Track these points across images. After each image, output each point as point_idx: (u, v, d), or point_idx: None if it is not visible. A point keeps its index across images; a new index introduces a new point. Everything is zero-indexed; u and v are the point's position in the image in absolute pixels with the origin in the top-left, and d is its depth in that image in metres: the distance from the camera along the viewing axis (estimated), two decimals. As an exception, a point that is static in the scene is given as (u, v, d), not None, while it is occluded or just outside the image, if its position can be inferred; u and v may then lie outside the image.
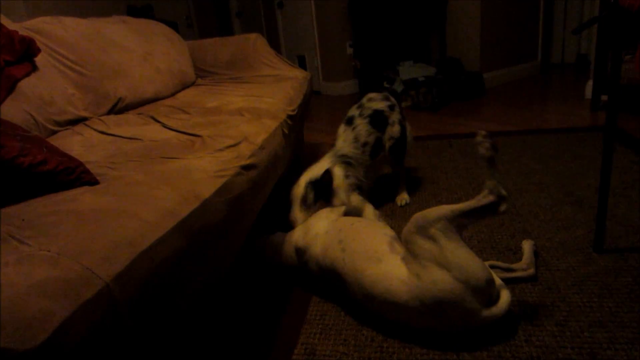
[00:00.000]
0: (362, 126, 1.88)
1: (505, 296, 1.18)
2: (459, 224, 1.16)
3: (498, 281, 1.21)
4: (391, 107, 2.00)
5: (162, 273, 0.91)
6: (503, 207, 1.15)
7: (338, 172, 1.70)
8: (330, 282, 1.39)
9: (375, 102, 1.98)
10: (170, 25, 2.99)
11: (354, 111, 1.95)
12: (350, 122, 1.91)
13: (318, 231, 1.44)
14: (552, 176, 2.15)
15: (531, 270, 1.41)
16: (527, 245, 1.51)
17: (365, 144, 1.86)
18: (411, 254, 1.19)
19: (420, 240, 1.16)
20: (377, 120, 1.92)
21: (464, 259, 1.13)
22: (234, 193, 1.25)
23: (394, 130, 1.98)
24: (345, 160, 1.77)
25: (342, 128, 1.92)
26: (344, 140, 1.86)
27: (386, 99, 2.02)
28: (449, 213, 1.15)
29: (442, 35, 4.35)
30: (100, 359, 0.74)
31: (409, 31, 4.45)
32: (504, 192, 1.14)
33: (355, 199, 1.73)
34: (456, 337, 1.18)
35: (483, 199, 1.15)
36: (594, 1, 3.96)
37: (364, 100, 2.00)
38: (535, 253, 1.51)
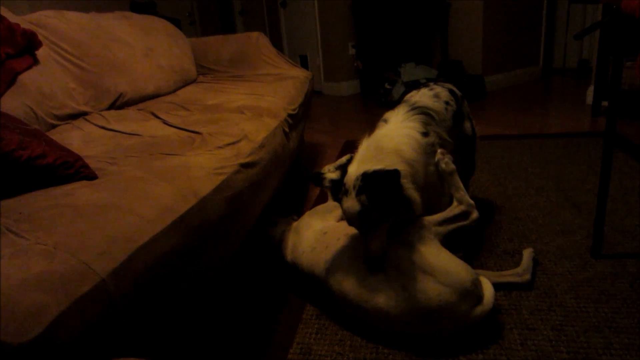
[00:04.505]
0: (441, 89, 1.51)
1: (488, 290, 1.18)
2: (436, 232, 1.21)
3: (481, 278, 1.21)
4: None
5: (159, 269, 0.91)
6: (474, 215, 1.26)
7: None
8: (322, 295, 1.38)
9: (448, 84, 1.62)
10: (172, 22, 2.99)
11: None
12: (425, 85, 1.56)
13: (304, 248, 1.41)
14: (552, 181, 2.15)
15: (526, 277, 1.40)
16: (526, 252, 1.50)
17: (447, 103, 1.46)
18: (392, 266, 1.17)
19: (401, 250, 1.16)
20: (454, 96, 1.54)
21: (446, 263, 1.14)
22: (233, 191, 1.25)
23: (467, 126, 1.61)
24: (425, 112, 1.35)
25: (413, 92, 1.53)
26: (421, 95, 1.47)
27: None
28: (425, 223, 1.22)
29: (445, 38, 4.35)
30: (94, 353, 0.73)
31: (411, 33, 4.45)
32: (471, 202, 1.26)
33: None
34: (452, 340, 1.18)
35: (454, 209, 1.26)
36: (597, 7, 3.96)
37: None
38: (535, 260, 1.50)
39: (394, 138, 1.25)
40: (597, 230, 1.50)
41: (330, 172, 1.24)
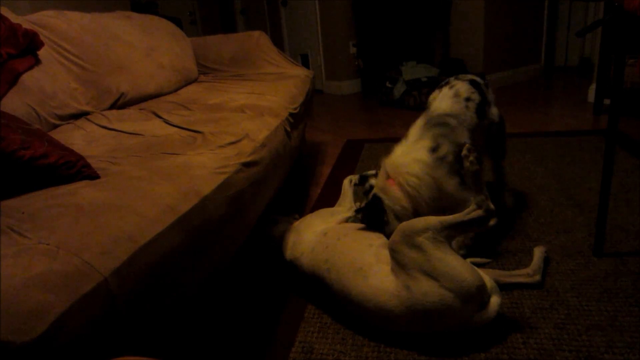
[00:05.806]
0: (461, 84, 1.59)
1: (495, 299, 1.16)
2: (447, 235, 1.14)
3: (490, 284, 1.19)
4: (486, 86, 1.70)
5: (161, 268, 0.91)
6: (492, 222, 1.15)
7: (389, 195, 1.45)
8: (323, 295, 1.38)
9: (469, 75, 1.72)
10: (173, 22, 2.99)
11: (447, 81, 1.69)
12: (446, 83, 1.64)
13: (304, 249, 1.41)
14: (553, 179, 2.15)
15: (537, 277, 1.39)
16: (537, 252, 1.48)
17: (468, 99, 1.54)
18: (398, 264, 1.17)
19: (407, 249, 1.14)
20: (476, 86, 1.62)
21: (453, 267, 1.11)
22: (235, 190, 1.25)
23: (494, 113, 1.67)
24: (440, 122, 1.47)
25: (435, 93, 1.65)
26: (441, 98, 1.57)
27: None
28: (437, 224, 1.13)
29: (446, 36, 4.34)
30: (97, 352, 0.74)
31: (412, 31, 4.44)
32: (492, 207, 1.13)
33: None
34: (454, 339, 1.18)
35: (471, 213, 1.13)
36: (599, 4, 3.95)
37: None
38: (546, 259, 1.48)
39: (398, 167, 1.45)
40: (599, 229, 1.50)
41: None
